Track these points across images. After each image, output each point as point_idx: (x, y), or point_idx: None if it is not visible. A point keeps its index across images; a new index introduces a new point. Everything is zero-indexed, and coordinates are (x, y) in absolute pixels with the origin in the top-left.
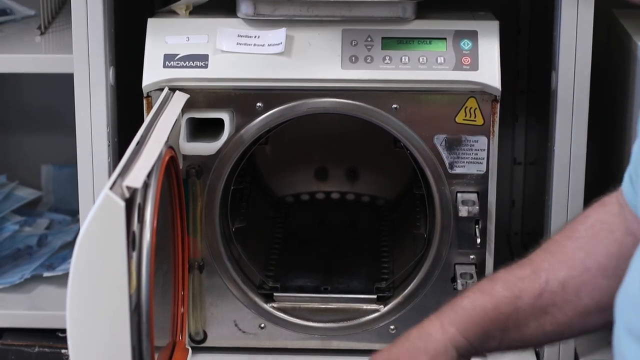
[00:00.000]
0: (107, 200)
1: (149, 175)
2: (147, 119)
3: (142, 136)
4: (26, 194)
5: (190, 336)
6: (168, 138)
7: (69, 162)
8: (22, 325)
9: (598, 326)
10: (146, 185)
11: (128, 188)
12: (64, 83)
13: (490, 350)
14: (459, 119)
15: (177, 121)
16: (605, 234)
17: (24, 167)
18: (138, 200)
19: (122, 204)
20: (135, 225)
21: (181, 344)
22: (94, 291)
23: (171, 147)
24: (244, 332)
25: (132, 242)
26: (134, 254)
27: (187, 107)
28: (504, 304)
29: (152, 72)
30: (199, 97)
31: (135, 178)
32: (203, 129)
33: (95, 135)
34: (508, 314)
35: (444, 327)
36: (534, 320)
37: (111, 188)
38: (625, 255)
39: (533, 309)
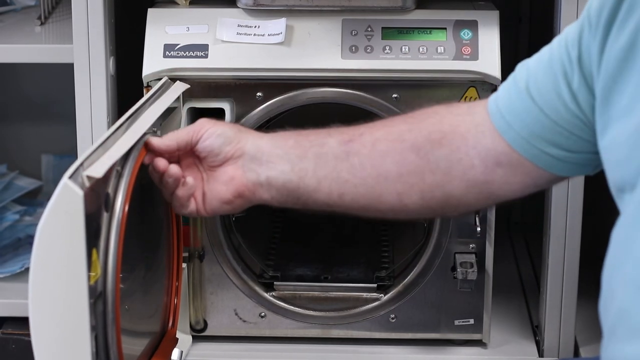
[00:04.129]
0: (65, 189)
1: (123, 165)
2: (132, 108)
3: (120, 125)
4: (26, 183)
5: (190, 325)
6: (157, 127)
7: (69, 152)
8: (23, 314)
9: (391, 198)
10: (119, 174)
11: (89, 178)
12: (64, 73)
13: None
14: None
15: (177, 111)
16: (433, 121)
17: (24, 157)
18: (109, 189)
19: (81, 193)
20: (104, 215)
21: (170, 334)
22: (54, 280)
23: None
24: (244, 321)
25: (97, 231)
26: (101, 243)
27: (188, 96)
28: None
29: (152, 62)
30: (199, 87)
31: (97, 168)
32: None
33: (96, 125)
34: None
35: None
36: (332, 164)
37: (71, 177)
38: (446, 146)
39: (336, 152)
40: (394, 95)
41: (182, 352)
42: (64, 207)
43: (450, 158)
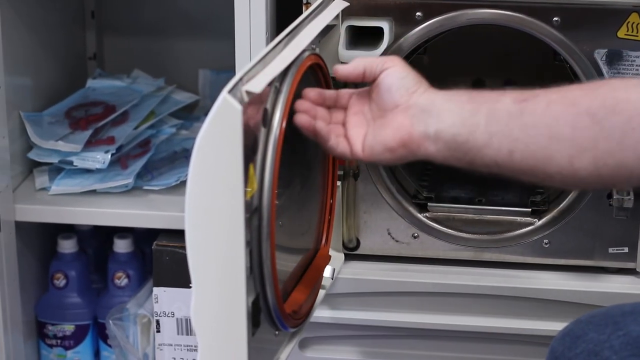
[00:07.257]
0: (224, 104)
1: (282, 81)
2: (291, 25)
3: (279, 41)
4: (183, 97)
5: (343, 243)
6: (315, 44)
7: (227, 68)
8: (177, 227)
9: (562, 161)
10: (278, 90)
11: (248, 93)
12: None
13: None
14: (621, 33)
15: (336, 29)
16: (606, 89)
17: (181, 72)
18: (267, 105)
19: (240, 107)
20: (262, 131)
21: (323, 251)
22: (211, 194)
23: (317, 54)
24: (396, 240)
25: (254, 146)
26: (258, 159)
27: (347, 14)
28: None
29: None
30: (358, 5)
31: (256, 83)
32: (362, 38)
33: (254, 41)
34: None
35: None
36: (505, 121)
37: (230, 91)
38: (620, 113)
39: (510, 109)
40: (555, 19)
41: (334, 269)
42: (223, 121)
43: (624, 126)
